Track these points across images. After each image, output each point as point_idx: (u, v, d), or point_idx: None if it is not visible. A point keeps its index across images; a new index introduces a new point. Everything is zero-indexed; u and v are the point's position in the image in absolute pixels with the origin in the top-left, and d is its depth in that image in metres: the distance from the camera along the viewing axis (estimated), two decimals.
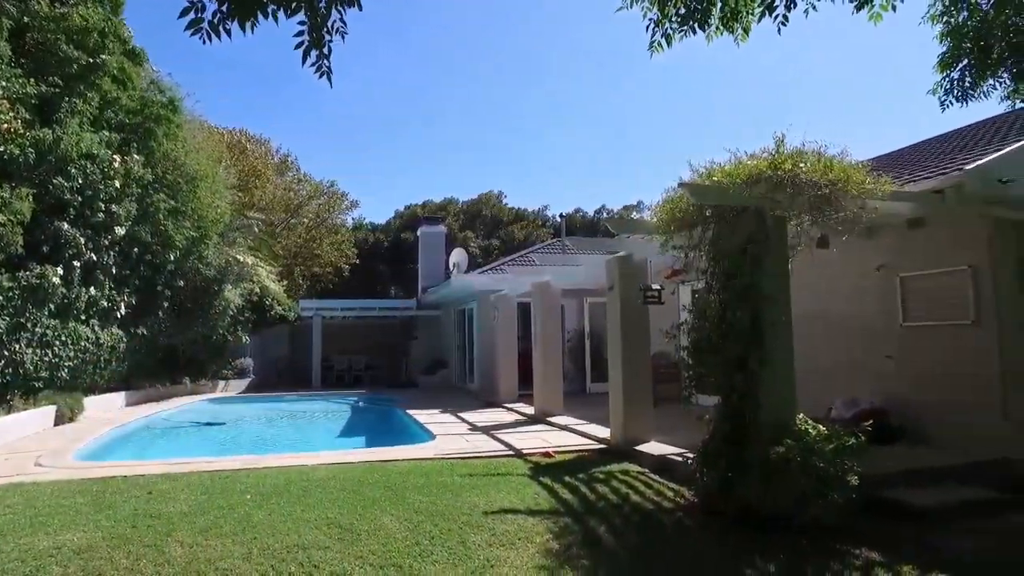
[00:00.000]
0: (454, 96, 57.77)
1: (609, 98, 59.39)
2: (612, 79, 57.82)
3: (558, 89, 58.68)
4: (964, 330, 6.99)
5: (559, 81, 57.58)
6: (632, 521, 5.59)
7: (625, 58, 60.41)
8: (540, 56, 55.57)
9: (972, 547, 4.89)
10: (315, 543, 4.88)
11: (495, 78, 57.33)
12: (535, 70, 56.99)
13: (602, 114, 60.86)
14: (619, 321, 8.36)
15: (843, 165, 5.64)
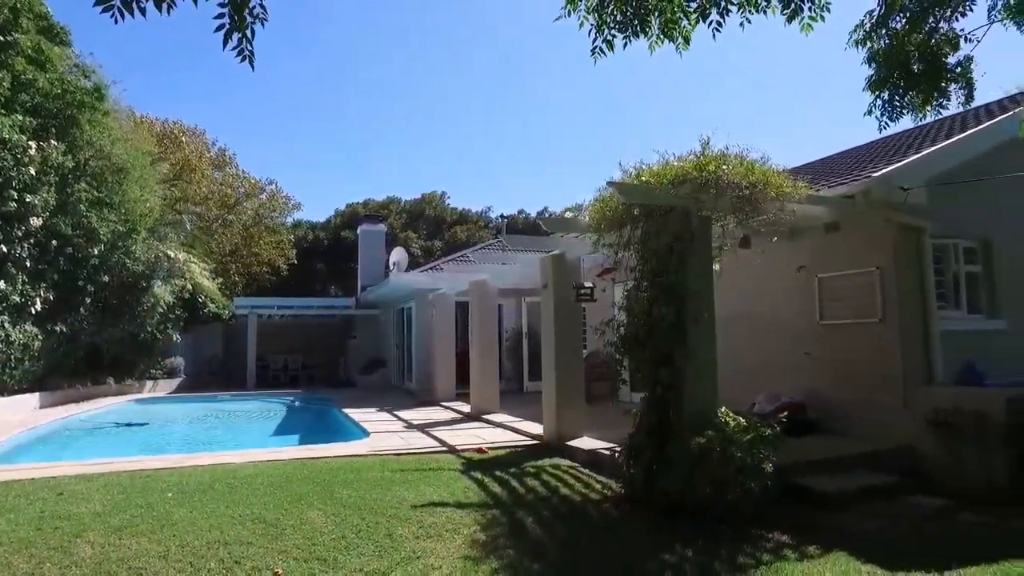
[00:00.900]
0: (400, 94, 57.29)
1: (556, 100, 60.09)
2: (559, 82, 58.51)
3: (505, 92, 58.99)
4: (872, 328, 7.42)
5: (507, 83, 57.90)
6: (559, 513, 5.71)
7: (570, 61, 61.31)
8: (485, 59, 55.75)
9: (870, 527, 5.21)
10: (237, 539, 4.78)
11: (440, 79, 57.15)
12: (483, 73, 57.13)
13: (548, 116, 61.48)
14: (553, 319, 8.50)
15: (763, 169, 5.92)
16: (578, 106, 60.13)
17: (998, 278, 8.12)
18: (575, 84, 60.35)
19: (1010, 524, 5.24)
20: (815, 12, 4.21)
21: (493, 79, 57.73)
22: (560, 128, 61.78)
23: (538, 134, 61.77)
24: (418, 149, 61.19)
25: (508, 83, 57.86)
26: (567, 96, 59.07)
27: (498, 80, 58.03)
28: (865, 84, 5.43)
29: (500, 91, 59.21)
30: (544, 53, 56.01)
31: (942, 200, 7.32)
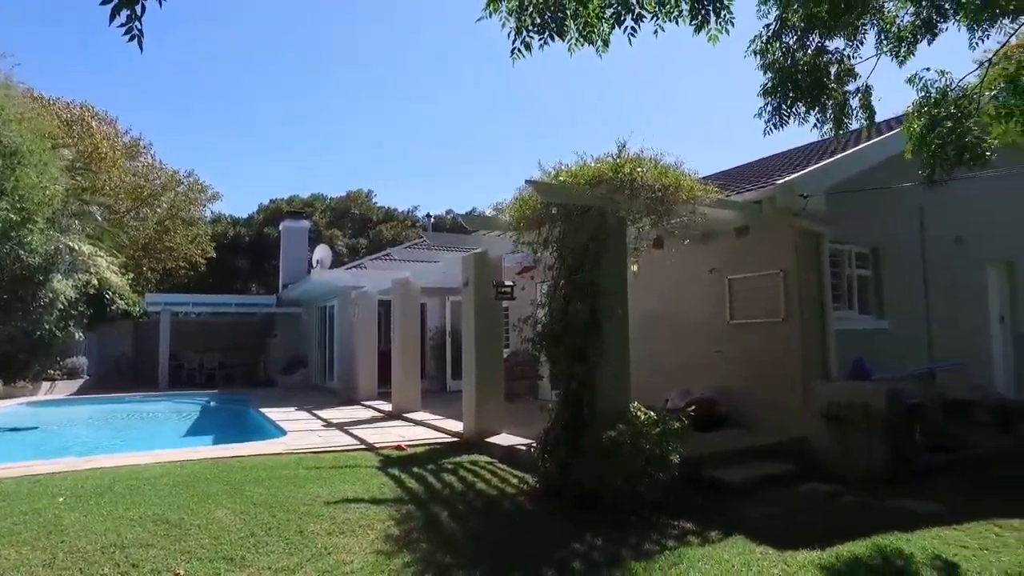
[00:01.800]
0: (325, 88, 55.99)
1: (485, 100, 60.25)
2: (489, 81, 58.70)
3: (434, 90, 58.66)
4: (776, 327, 7.87)
5: (436, 82, 57.58)
6: (475, 507, 5.76)
7: (501, 61, 61.66)
8: (409, 57, 55.31)
9: (767, 511, 5.54)
10: (136, 541, 4.59)
11: (366, 77, 56.25)
12: (408, 72, 56.59)
13: (476, 115, 61.55)
14: (473, 317, 8.56)
15: (676, 172, 6.17)
16: (507, 106, 60.52)
17: (884, 282, 8.76)
18: (505, 84, 60.75)
19: (885, 504, 5.69)
20: (721, 25, 4.44)
21: (422, 77, 57.33)
22: (489, 128, 61.99)
23: (467, 134, 61.77)
24: (345, 146, 59.97)
25: (437, 82, 57.59)
26: (496, 96, 59.38)
27: (428, 79, 57.66)
28: (760, 90, 5.75)
29: (429, 90, 58.86)
30: (472, 52, 56.13)
31: (839, 208, 7.84)
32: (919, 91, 5.84)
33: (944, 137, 5.55)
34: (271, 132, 57.02)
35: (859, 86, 5.98)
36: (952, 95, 5.76)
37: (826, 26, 5.40)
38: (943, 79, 5.83)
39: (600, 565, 4.39)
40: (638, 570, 4.26)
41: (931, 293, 9.12)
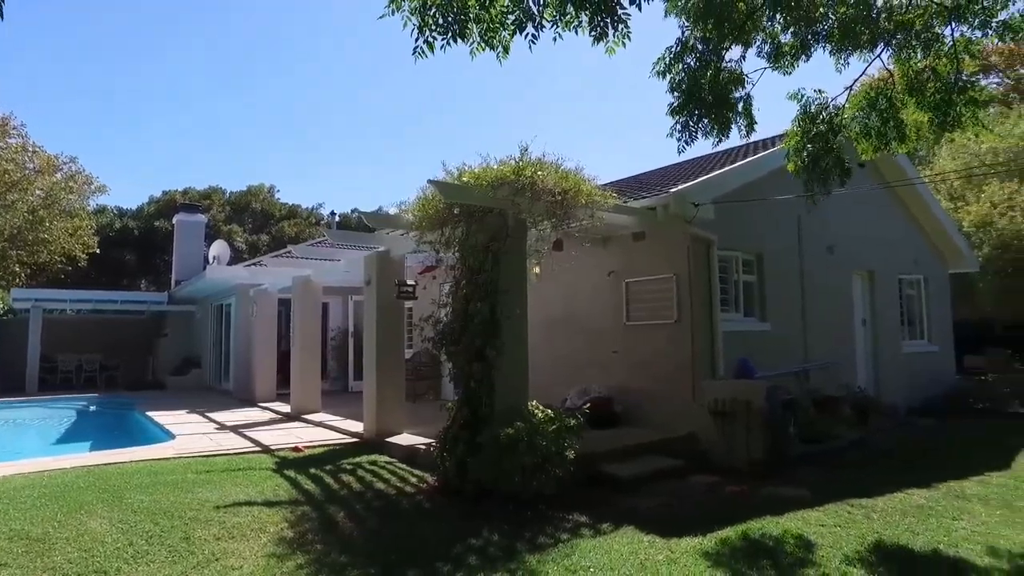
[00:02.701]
0: (228, 78, 53.33)
1: (394, 99, 59.40)
2: (396, 81, 57.92)
3: (340, 86, 57.22)
4: (668, 328, 8.28)
5: (341, 78, 56.18)
6: (373, 506, 5.72)
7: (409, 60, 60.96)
8: (315, 51, 53.78)
9: (656, 503, 5.82)
10: None
11: (272, 68, 54.11)
12: (319, 65, 54.93)
13: (384, 114, 60.59)
14: (375, 316, 8.47)
15: (577, 177, 6.38)
16: (417, 105, 59.98)
17: (767, 287, 9.42)
18: (415, 84, 60.16)
19: (762, 492, 6.13)
20: (618, 38, 4.63)
21: (328, 72, 55.80)
22: (398, 127, 61.20)
23: (375, 132, 60.69)
24: (246, 139, 57.36)
25: (341, 78, 56.23)
26: (406, 95, 58.70)
27: (334, 74, 56.19)
28: (667, 110, 6.03)
29: (334, 85, 57.38)
30: (381, 51, 55.31)
31: (727, 217, 8.36)
32: (800, 106, 6.32)
33: (818, 151, 6.05)
34: (163, 121, 53.69)
35: (744, 94, 6.34)
36: (825, 114, 6.28)
37: (721, 39, 5.72)
38: (820, 97, 6.34)
39: (495, 559, 4.47)
40: (532, 562, 4.38)
41: (807, 298, 9.89)
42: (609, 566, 4.30)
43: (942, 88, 5.43)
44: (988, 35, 5.32)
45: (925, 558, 4.52)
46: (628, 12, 4.41)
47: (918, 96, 5.55)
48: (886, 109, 5.88)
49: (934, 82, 5.47)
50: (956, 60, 5.45)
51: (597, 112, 59.65)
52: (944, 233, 13.17)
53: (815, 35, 5.97)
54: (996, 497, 6.04)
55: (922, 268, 12.85)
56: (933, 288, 13.13)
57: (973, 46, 5.38)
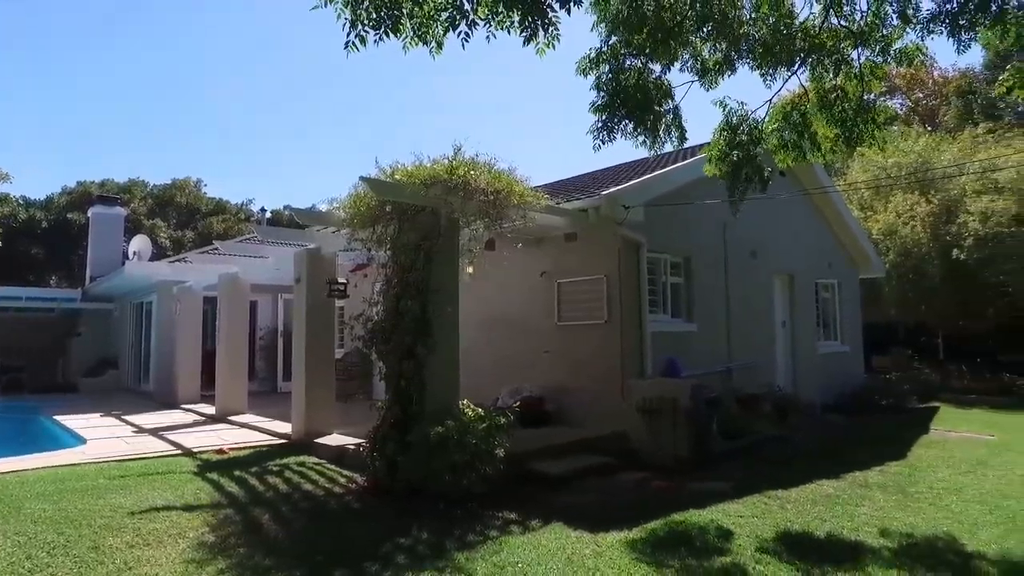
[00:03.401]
0: (154, 66, 50.86)
1: (329, 94, 58.15)
2: (332, 76, 56.79)
3: (273, 80, 55.59)
4: (599, 328, 8.47)
5: (275, 71, 54.59)
6: (300, 507, 5.61)
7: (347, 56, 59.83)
8: (245, 41, 52.08)
9: (585, 500, 5.95)
10: None
11: (200, 57, 52.00)
12: (249, 57, 53.15)
13: (319, 109, 59.24)
14: (305, 314, 8.30)
15: (509, 178, 6.45)
16: (352, 102, 58.94)
17: (694, 289, 9.76)
18: (350, 80, 59.09)
19: (686, 486, 6.36)
20: (548, 40, 4.71)
21: (258, 64, 54.12)
22: (332, 124, 59.97)
23: (310, 128, 59.26)
24: (169, 129, 54.86)
25: (276, 71, 54.67)
26: (342, 92, 57.60)
27: (265, 67, 54.54)
28: (590, 107, 6.14)
29: (266, 79, 55.74)
30: (312, 45, 54.08)
31: (656, 220, 8.63)
32: (723, 113, 6.58)
33: (740, 159, 6.32)
34: (79, 110, 50.72)
35: (673, 106, 6.56)
36: (746, 125, 6.57)
37: (647, 51, 5.91)
38: (742, 108, 6.62)
39: (424, 557, 4.48)
40: (460, 559, 4.40)
41: (731, 300, 10.31)
42: (537, 561, 4.37)
43: (848, 108, 5.79)
44: (888, 60, 5.70)
45: (829, 542, 4.82)
46: (558, 15, 4.50)
47: (827, 112, 5.89)
48: (800, 123, 6.21)
49: (842, 100, 5.83)
50: (863, 81, 5.82)
51: (535, 115, 60.18)
52: (855, 240, 13.98)
53: (739, 52, 6.25)
54: (893, 484, 6.48)
55: (836, 273, 13.61)
56: (846, 292, 13.93)
57: (877, 69, 5.77)
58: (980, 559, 4.53)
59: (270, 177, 59.72)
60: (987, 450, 8.39)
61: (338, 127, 59.06)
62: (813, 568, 4.23)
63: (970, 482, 6.65)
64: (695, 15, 5.75)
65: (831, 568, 4.24)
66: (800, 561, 4.35)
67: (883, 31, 5.65)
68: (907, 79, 28.71)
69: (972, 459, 7.78)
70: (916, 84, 29.12)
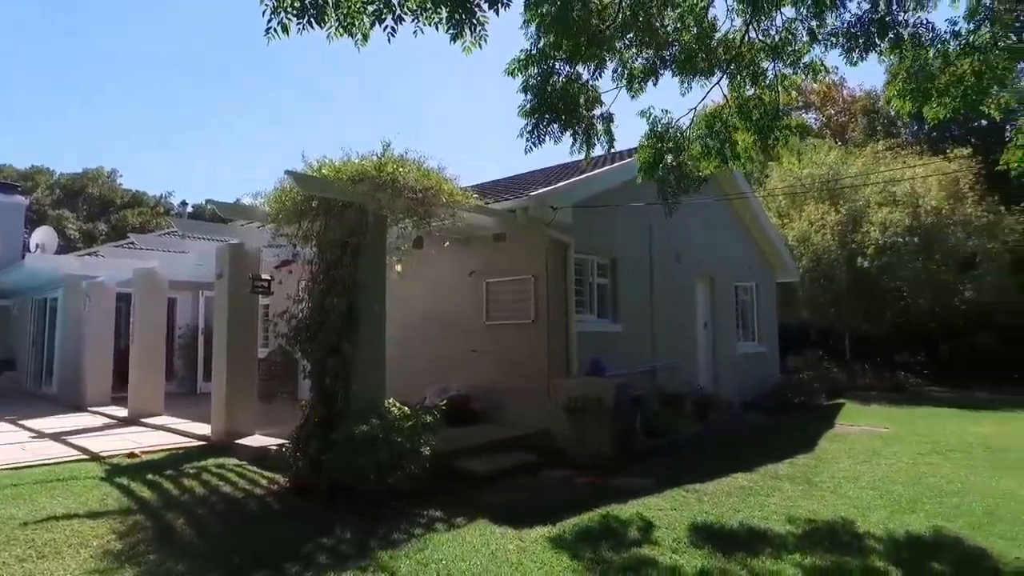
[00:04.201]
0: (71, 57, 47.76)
1: (256, 87, 56.28)
2: (261, 70, 54.95)
3: (201, 71, 53.31)
4: (526, 328, 8.57)
5: (200, 62, 52.35)
6: (217, 511, 5.42)
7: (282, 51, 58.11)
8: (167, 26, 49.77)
9: (511, 497, 6.01)
10: None
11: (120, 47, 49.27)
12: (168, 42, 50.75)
13: (245, 102, 57.24)
14: (226, 311, 8.01)
15: (438, 176, 6.44)
16: (281, 97, 57.29)
17: (620, 290, 10.02)
18: (280, 74, 57.39)
19: (609, 482, 6.52)
20: (475, 40, 4.75)
21: (185, 54, 51.80)
22: (260, 117, 58.09)
23: (236, 121, 57.14)
24: (84, 118, 51.67)
25: (200, 62, 52.48)
26: (270, 85, 55.87)
27: (191, 57, 52.24)
28: (519, 110, 6.23)
29: (193, 69, 53.39)
30: (247, 35, 52.23)
31: (584, 222, 8.81)
32: (648, 123, 6.81)
33: (668, 166, 6.55)
34: None
35: (603, 113, 6.72)
36: (671, 133, 6.82)
37: (574, 57, 6.04)
38: (667, 116, 6.87)
39: (347, 557, 4.42)
40: (384, 558, 4.37)
41: (655, 302, 10.63)
42: (461, 557, 4.39)
43: (764, 115, 6.11)
44: (798, 73, 6.07)
45: (741, 530, 5.06)
46: (486, 15, 4.54)
47: (746, 120, 6.20)
48: (722, 131, 6.50)
49: (759, 109, 6.15)
50: (777, 92, 6.16)
51: (469, 117, 60.17)
52: (773, 246, 14.70)
53: (663, 60, 6.47)
54: (800, 475, 6.87)
55: (755, 276, 14.27)
56: (763, 295, 14.62)
57: (787, 81, 6.12)
58: (870, 538, 4.88)
59: (193, 171, 57.23)
60: (882, 442, 9.01)
61: (268, 122, 57.22)
62: (725, 555, 4.44)
63: (866, 471, 7.14)
64: (621, 22, 5.94)
65: (741, 554, 4.46)
66: (714, 549, 4.55)
67: (794, 45, 6.00)
68: (821, 96, 30.47)
69: (869, 450, 8.34)
70: (829, 101, 30.95)
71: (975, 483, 6.62)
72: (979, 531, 5.07)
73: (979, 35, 5.46)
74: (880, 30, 5.46)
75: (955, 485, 6.50)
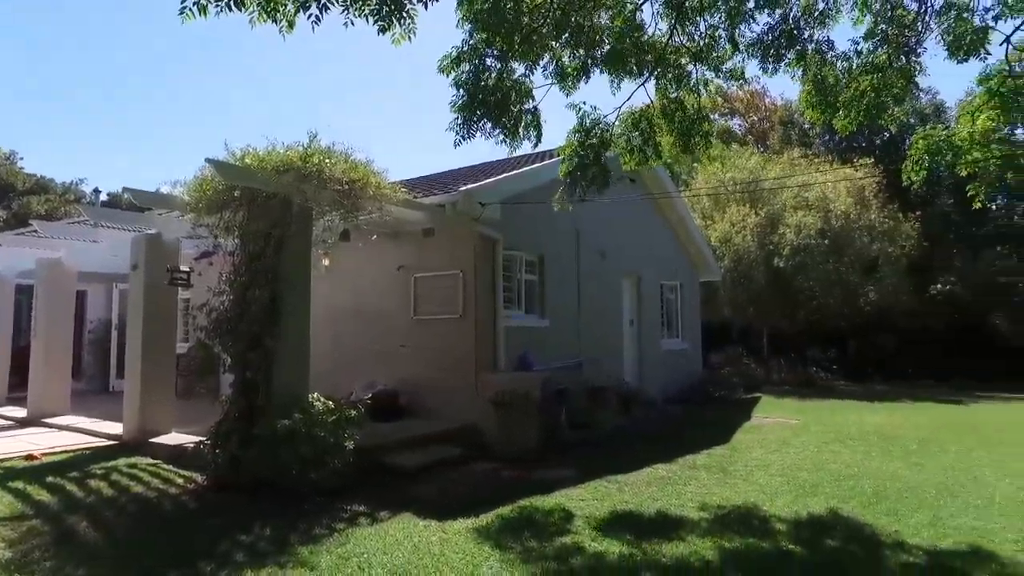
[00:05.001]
0: None
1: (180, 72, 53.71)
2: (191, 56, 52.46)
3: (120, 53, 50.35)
4: (454, 323, 8.60)
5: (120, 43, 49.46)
6: (127, 512, 5.21)
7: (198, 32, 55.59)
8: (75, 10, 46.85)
9: (436, 490, 6.04)
10: None
11: None
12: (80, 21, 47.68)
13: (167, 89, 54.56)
14: (142, 304, 7.65)
15: (366, 169, 6.38)
16: (207, 85, 54.88)
17: (547, 287, 10.18)
18: (206, 61, 54.99)
19: (534, 475, 6.65)
20: (404, 32, 4.74)
21: (103, 34, 48.83)
22: (183, 105, 55.48)
23: (160, 108, 54.34)
24: None
25: (120, 42, 49.63)
26: (193, 73, 53.42)
27: (110, 38, 49.31)
28: (450, 105, 6.23)
29: (112, 53, 50.41)
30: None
31: (513, 219, 8.90)
32: (578, 117, 6.93)
33: (588, 159, 6.68)
34: None
35: (532, 107, 6.77)
36: (598, 129, 6.96)
37: (507, 53, 6.09)
38: (595, 112, 7.00)
39: (266, 554, 4.34)
40: (304, 553, 4.32)
41: (583, 298, 10.87)
42: (383, 550, 4.39)
43: (686, 118, 6.36)
44: (719, 77, 6.35)
45: (658, 518, 5.27)
46: (415, 8, 4.54)
47: (669, 121, 6.43)
48: (646, 130, 6.72)
49: (681, 112, 6.39)
50: (699, 95, 6.42)
51: (405, 110, 59.40)
52: (697, 246, 15.27)
53: (594, 59, 6.62)
54: (716, 465, 7.21)
55: (679, 275, 14.78)
56: (687, 293, 15.16)
57: (710, 85, 6.39)
58: (775, 520, 5.19)
59: (108, 158, 54.04)
60: (791, 432, 9.55)
61: (197, 109, 54.67)
62: (642, 542, 4.61)
63: (776, 459, 7.56)
64: (553, 23, 6.04)
65: (657, 540, 4.64)
66: (632, 536, 4.72)
67: (717, 52, 6.27)
68: (745, 104, 31.85)
69: (780, 440, 8.83)
70: (752, 109, 32.38)
71: (868, 467, 7.14)
72: (868, 509, 5.48)
73: (877, 55, 5.88)
74: (788, 42, 5.78)
75: (852, 469, 6.99)
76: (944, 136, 6.19)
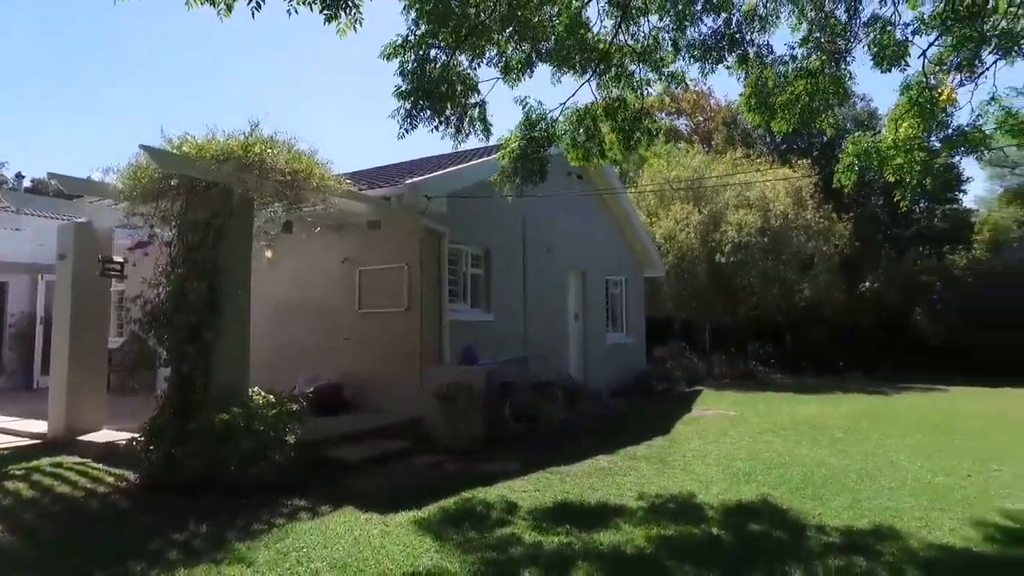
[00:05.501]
0: None
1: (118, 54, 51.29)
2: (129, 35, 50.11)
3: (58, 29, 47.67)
4: (399, 316, 8.57)
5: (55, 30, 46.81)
6: (50, 513, 5.02)
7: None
8: None
9: (379, 484, 6.02)
10: None
11: None
12: None
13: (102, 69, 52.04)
14: (70, 295, 7.33)
15: (309, 159, 6.28)
16: (142, 68, 52.60)
17: (493, 281, 10.23)
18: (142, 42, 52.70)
19: (478, 467, 6.70)
20: (349, 22, 4.70)
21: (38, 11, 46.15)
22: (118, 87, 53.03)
23: (87, 90, 51.76)
24: None
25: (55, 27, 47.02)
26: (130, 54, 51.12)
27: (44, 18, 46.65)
28: (394, 91, 6.16)
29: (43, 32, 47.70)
30: None
31: (459, 212, 8.91)
32: (523, 111, 6.96)
33: (528, 150, 6.72)
34: None
35: (478, 101, 6.76)
36: (543, 123, 7.02)
37: (453, 45, 6.07)
38: (540, 107, 7.05)
39: (201, 552, 4.26)
40: (241, 549, 4.26)
41: (528, 293, 10.96)
42: (323, 544, 4.37)
43: (627, 117, 6.50)
44: (661, 78, 6.51)
45: (598, 507, 5.39)
46: None
47: (611, 119, 6.55)
48: (590, 127, 6.82)
49: (623, 110, 6.52)
50: (641, 94, 6.56)
51: (353, 104, 58.37)
52: (642, 242, 15.59)
53: (539, 53, 6.67)
54: (656, 456, 7.41)
55: (624, 271, 15.06)
56: (632, 289, 15.46)
57: (653, 86, 6.54)
58: (709, 508, 5.39)
59: (35, 141, 51.19)
60: (729, 423, 9.89)
61: (134, 92, 52.29)
62: (581, 531, 4.71)
63: (713, 449, 7.82)
64: (499, 17, 6.06)
65: (596, 529, 4.75)
66: (571, 526, 4.82)
67: (659, 53, 6.42)
68: (691, 104, 32.59)
69: (717, 431, 9.13)
70: (698, 109, 33.17)
71: (798, 455, 7.48)
72: (795, 495, 5.75)
73: (810, 61, 6.14)
74: (730, 45, 5.98)
75: (783, 458, 7.30)
76: (872, 142, 6.49)
